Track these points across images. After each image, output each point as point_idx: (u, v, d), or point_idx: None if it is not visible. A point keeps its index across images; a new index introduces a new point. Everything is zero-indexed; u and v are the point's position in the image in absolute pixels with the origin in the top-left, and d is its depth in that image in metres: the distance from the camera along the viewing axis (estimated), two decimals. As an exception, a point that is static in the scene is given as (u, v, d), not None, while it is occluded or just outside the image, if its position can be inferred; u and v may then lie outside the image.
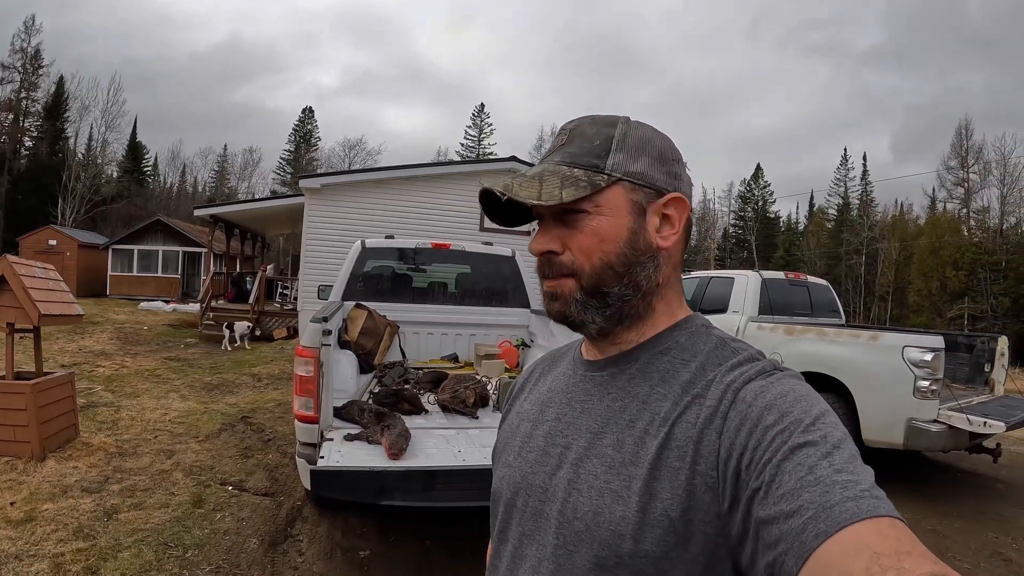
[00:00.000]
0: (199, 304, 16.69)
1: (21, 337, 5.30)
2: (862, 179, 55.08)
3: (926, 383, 5.07)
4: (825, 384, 5.81)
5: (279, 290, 20.02)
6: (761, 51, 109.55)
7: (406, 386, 4.40)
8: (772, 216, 62.78)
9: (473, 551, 3.77)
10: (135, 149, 55.47)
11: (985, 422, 4.93)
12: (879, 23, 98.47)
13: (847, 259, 48.92)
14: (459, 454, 3.22)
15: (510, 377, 4.23)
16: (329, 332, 3.46)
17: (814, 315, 7.66)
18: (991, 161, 42.74)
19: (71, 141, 46.30)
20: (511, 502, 0.82)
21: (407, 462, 3.04)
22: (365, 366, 4.94)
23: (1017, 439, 7.64)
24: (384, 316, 5.32)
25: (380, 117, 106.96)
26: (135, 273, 26.65)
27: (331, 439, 3.32)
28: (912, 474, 6.27)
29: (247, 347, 13.60)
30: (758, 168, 62.94)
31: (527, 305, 5.88)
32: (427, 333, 5.76)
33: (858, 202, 54.30)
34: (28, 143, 45.02)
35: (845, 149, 61.57)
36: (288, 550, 3.77)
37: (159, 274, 26.77)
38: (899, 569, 0.47)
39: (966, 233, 41.71)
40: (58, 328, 12.93)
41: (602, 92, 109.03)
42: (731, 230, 63.78)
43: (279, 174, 61.00)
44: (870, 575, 0.47)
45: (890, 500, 0.55)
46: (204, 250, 24.09)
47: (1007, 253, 38.11)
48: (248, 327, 14.14)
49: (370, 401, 3.89)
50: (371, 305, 5.30)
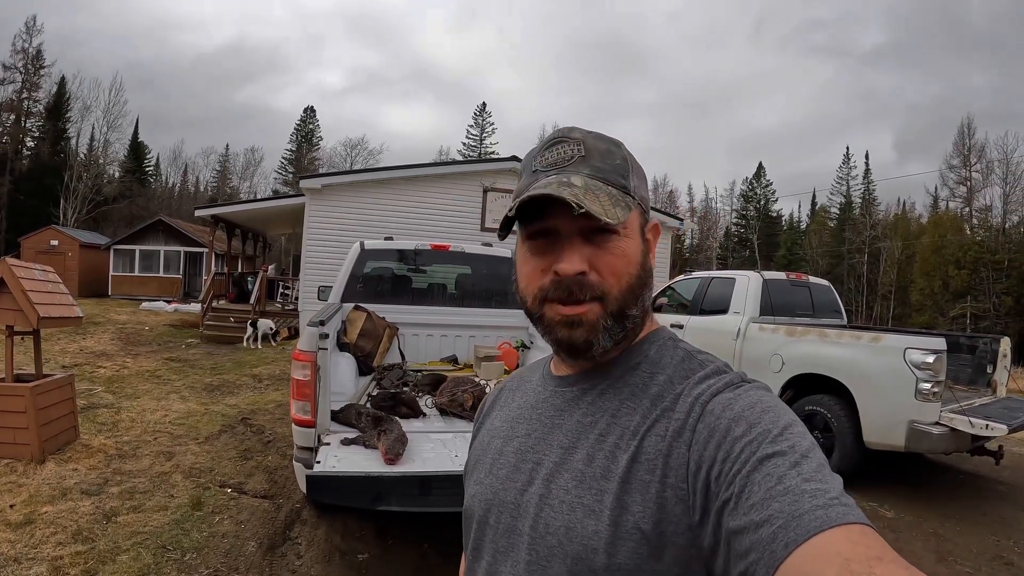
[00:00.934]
0: (200, 304, 16.68)
1: (22, 339, 5.31)
2: (864, 178, 54.97)
3: (928, 385, 5.04)
4: (826, 386, 5.80)
5: (280, 290, 20.03)
6: (763, 51, 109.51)
7: (404, 389, 4.39)
8: (774, 215, 62.72)
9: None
10: (137, 149, 55.53)
11: (987, 424, 4.91)
12: (881, 23, 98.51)
13: (849, 258, 48.86)
14: (456, 459, 3.20)
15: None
16: (326, 336, 3.45)
17: (816, 316, 7.61)
18: (993, 160, 42.80)
19: (73, 141, 46.38)
20: (483, 519, 0.82)
21: (403, 467, 3.03)
22: (364, 368, 4.93)
23: (1019, 441, 7.60)
24: (383, 318, 5.31)
25: (382, 117, 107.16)
26: (137, 273, 26.64)
27: (328, 443, 3.32)
28: (913, 476, 6.25)
29: (273, 344, 13.65)
30: (760, 167, 62.92)
31: None
32: (426, 335, 5.74)
33: (860, 201, 54.23)
34: (30, 143, 45.01)
35: (847, 148, 61.29)
36: (286, 553, 3.76)
37: (161, 274, 26.74)
38: (871, 575, 0.47)
39: (968, 232, 41.69)
40: (59, 329, 12.94)
41: (605, 91, 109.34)
42: (733, 229, 63.73)
43: (281, 174, 61.04)
44: None
45: (859, 508, 0.55)
46: (206, 250, 24.13)
47: (1009, 252, 38.06)
48: (271, 327, 14.17)
49: (368, 404, 3.88)
50: (370, 307, 5.29)
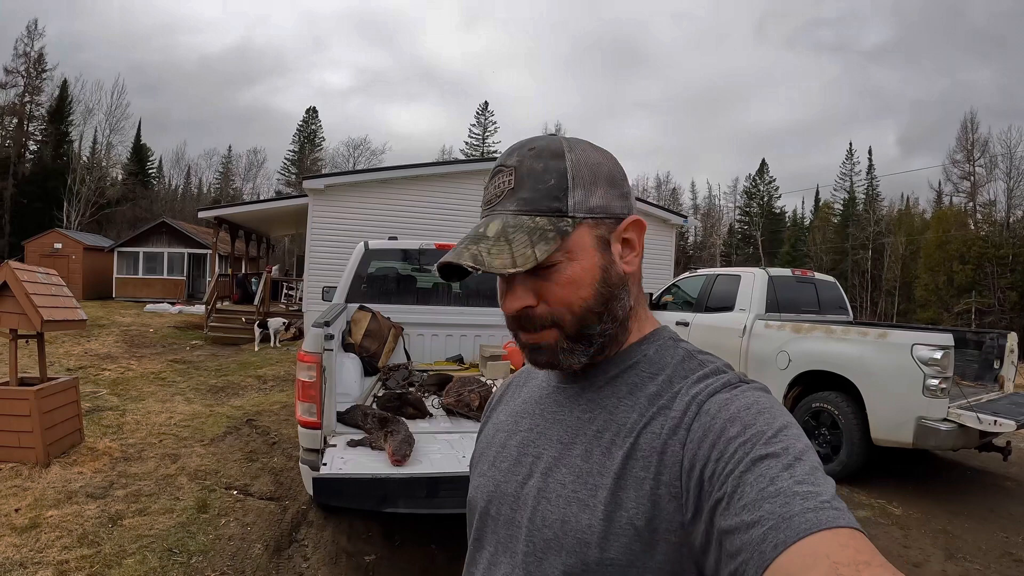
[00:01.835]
0: (205, 306, 16.69)
1: (27, 342, 5.31)
2: (868, 173, 54.84)
3: (935, 381, 5.02)
4: (833, 383, 5.78)
5: (284, 291, 20.04)
6: (766, 48, 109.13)
7: (410, 389, 4.37)
8: (778, 211, 62.61)
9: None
10: (139, 152, 55.56)
11: (996, 421, 4.87)
12: (884, 20, 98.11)
13: (853, 254, 48.70)
14: (463, 459, 3.18)
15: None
16: (331, 337, 3.42)
17: (821, 312, 7.58)
18: (997, 155, 42.50)
19: (75, 144, 46.42)
20: (485, 510, 0.84)
21: (410, 468, 3.01)
22: (369, 369, 4.91)
23: (1027, 436, 7.59)
24: (388, 318, 5.29)
25: (385, 117, 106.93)
26: (141, 275, 26.70)
27: (334, 445, 3.30)
28: (920, 473, 6.23)
29: (276, 346, 13.65)
30: (763, 163, 62.88)
31: None
32: (432, 335, 5.72)
33: (864, 196, 54.09)
34: (32, 147, 45.13)
35: (850, 143, 60.81)
36: (293, 555, 3.75)
37: (165, 276, 26.81)
38: None
39: (973, 227, 41.43)
40: (64, 332, 12.94)
41: (608, 89, 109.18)
42: (736, 226, 63.67)
43: (283, 175, 61.09)
44: None
45: (851, 512, 0.55)
46: (209, 252, 24.13)
47: (1014, 247, 37.82)
48: (283, 323, 14.13)
49: (374, 405, 3.86)
50: (375, 307, 5.28)
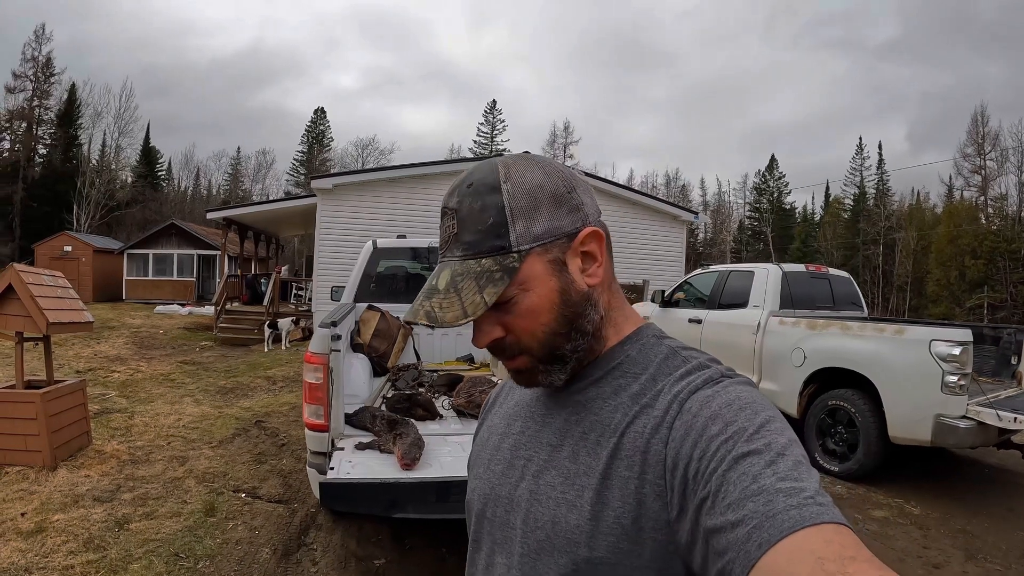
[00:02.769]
0: (214, 307, 16.70)
1: (36, 344, 5.28)
2: (878, 168, 54.47)
3: (954, 378, 4.89)
4: (850, 380, 5.67)
5: (294, 291, 20.04)
6: (775, 44, 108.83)
7: (420, 390, 4.30)
8: (788, 207, 62.39)
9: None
10: (148, 154, 55.83)
11: (1015, 418, 4.74)
12: (893, 16, 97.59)
13: (864, 249, 48.41)
14: None
15: None
16: (338, 337, 3.35)
17: (836, 308, 7.48)
18: (1008, 148, 42.23)
19: (84, 148, 46.67)
20: (481, 512, 0.85)
21: (420, 472, 2.93)
22: (379, 369, 4.85)
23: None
24: (398, 317, 5.22)
25: (394, 117, 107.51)
26: (150, 277, 26.82)
27: (342, 448, 3.23)
28: (939, 471, 6.10)
29: (285, 348, 13.60)
30: (772, 159, 62.69)
31: None
32: (441, 334, 5.65)
33: (874, 192, 53.71)
34: (42, 151, 45.44)
35: (860, 138, 60.19)
36: (301, 560, 3.68)
37: (174, 277, 26.91)
38: (844, 574, 0.47)
39: (984, 221, 41.13)
40: (73, 334, 12.97)
41: (617, 86, 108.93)
42: (747, 222, 63.44)
43: (293, 175, 61.27)
44: None
45: (836, 507, 0.55)
46: (219, 253, 24.18)
47: (1026, 241, 37.53)
48: (292, 322, 14.08)
49: (383, 407, 3.79)
50: (384, 306, 5.22)
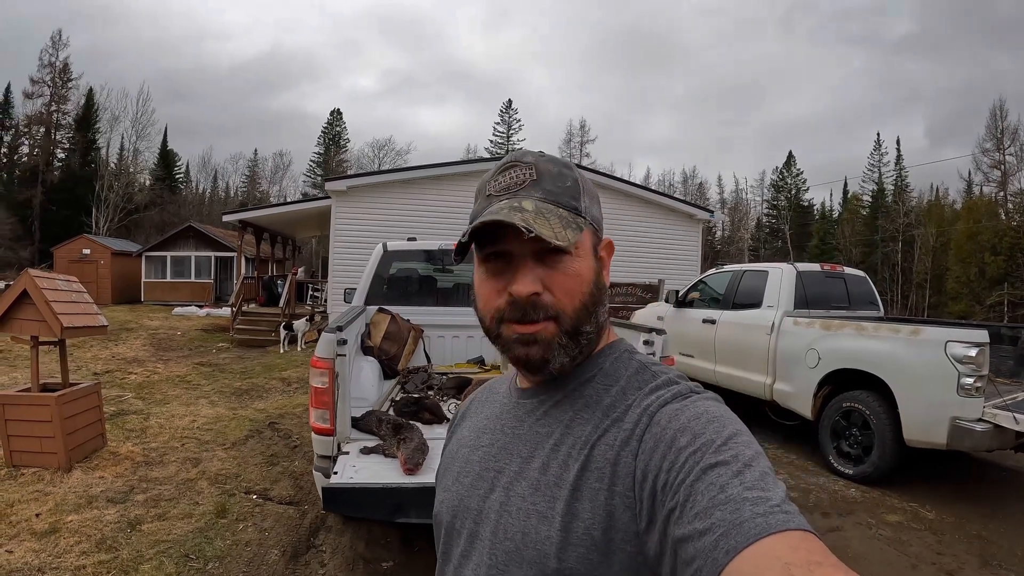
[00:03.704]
0: (230, 308, 16.83)
1: (52, 347, 5.35)
2: (896, 164, 53.84)
3: (971, 380, 4.78)
4: (865, 381, 5.58)
5: (310, 293, 20.13)
6: (792, 41, 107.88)
7: (429, 393, 4.29)
8: (806, 204, 61.82)
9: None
10: (166, 157, 56.39)
11: None
12: (911, 10, 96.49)
13: (883, 246, 47.88)
14: None
15: None
16: (344, 342, 3.36)
17: (851, 308, 7.38)
18: (1027, 143, 41.53)
19: (103, 151, 47.35)
20: (451, 524, 0.85)
21: (423, 477, 2.92)
22: (389, 372, 4.86)
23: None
24: (408, 320, 5.23)
25: (411, 118, 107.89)
26: (168, 279, 27.06)
27: (347, 452, 3.24)
28: (955, 474, 6.01)
29: (302, 348, 13.65)
30: (790, 156, 62.19)
31: None
32: (452, 336, 5.64)
33: (893, 188, 53.08)
34: (60, 155, 46.11)
35: (878, 134, 59.63)
36: (310, 561, 3.70)
37: (192, 279, 27.13)
38: None
39: (1004, 217, 40.44)
40: (92, 337, 13.12)
41: (635, 85, 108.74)
42: (764, 220, 63.01)
43: (309, 177, 61.69)
44: None
45: (802, 515, 0.56)
46: (236, 254, 24.37)
47: (1047, 236, 36.91)
48: (307, 320, 14.13)
49: (390, 411, 3.79)
50: (395, 309, 5.23)
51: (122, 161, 47.47)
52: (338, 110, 64.99)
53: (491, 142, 62.91)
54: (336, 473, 2.94)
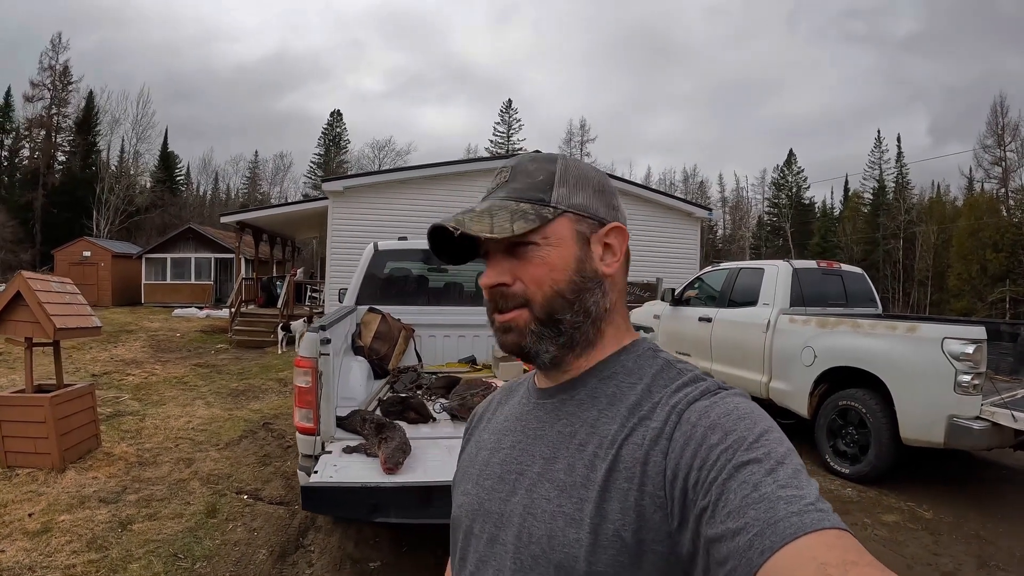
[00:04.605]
0: (229, 309, 16.83)
1: (48, 348, 5.36)
2: (897, 161, 53.66)
3: (968, 377, 4.73)
4: (861, 379, 5.54)
5: (309, 293, 20.13)
6: (793, 39, 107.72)
7: (417, 393, 4.28)
8: (807, 202, 61.70)
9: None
10: (167, 159, 56.42)
11: None
12: (913, 8, 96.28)
13: (884, 244, 47.80)
14: None
15: None
16: (328, 341, 3.36)
17: (849, 305, 7.33)
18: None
19: (103, 154, 47.42)
20: (469, 529, 0.84)
21: (403, 477, 2.90)
22: (379, 371, 4.84)
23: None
24: (399, 320, 5.21)
25: (413, 118, 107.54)
26: (168, 281, 27.13)
27: (330, 452, 3.23)
28: (953, 473, 5.97)
29: (297, 349, 13.49)
30: (791, 154, 62.05)
31: None
32: (443, 336, 5.62)
33: (894, 185, 52.96)
34: (61, 158, 46.16)
35: (878, 131, 59.21)
36: (297, 561, 3.69)
37: (192, 281, 27.20)
38: None
39: (1005, 213, 40.36)
40: (91, 339, 13.12)
41: (637, 84, 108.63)
42: (765, 218, 62.94)
43: (310, 178, 61.69)
44: None
45: (836, 513, 0.55)
46: (235, 256, 24.38)
47: (1050, 233, 36.83)
48: (305, 322, 14.05)
49: (377, 410, 3.78)
50: (386, 308, 5.20)
51: (122, 163, 47.56)
52: (338, 111, 65.19)
53: (491, 142, 62.92)
54: (316, 472, 2.93)
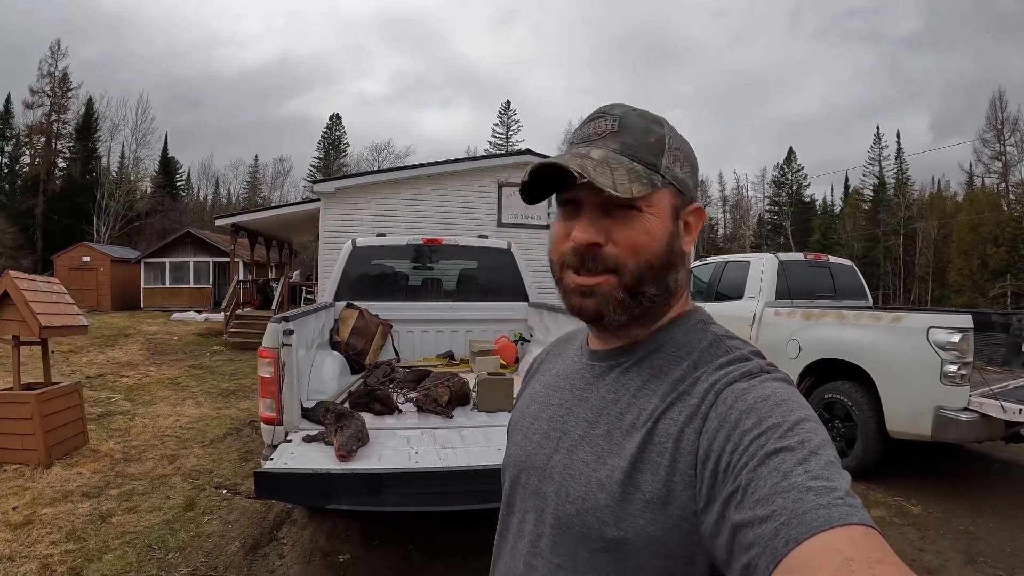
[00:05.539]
0: (223, 312, 16.86)
1: (53, 351, 5.41)
2: (896, 157, 53.60)
3: (954, 367, 4.63)
4: (847, 372, 5.50)
5: (304, 295, 20.15)
6: (793, 37, 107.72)
7: (386, 386, 4.30)
8: (807, 200, 61.66)
9: (453, 555, 3.71)
10: (167, 164, 56.56)
11: (1021, 409, 4.46)
12: (913, 6, 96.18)
13: (885, 240, 47.71)
14: (415, 456, 3.10)
15: (490, 375, 4.06)
16: (290, 332, 3.38)
17: (838, 299, 7.26)
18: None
19: (103, 160, 47.54)
20: (516, 478, 0.88)
21: (354, 464, 2.93)
22: (357, 367, 4.86)
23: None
24: (376, 315, 5.23)
25: (413, 122, 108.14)
26: (167, 285, 27.15)
27: (290, 440, 3.26)
28: (943, 466, 5.91)
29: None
30: (791, 152, 62.16)
31: (525, 299, 5.73)
32: (421, 331, 5.65)
33: (894, 181, 52.88)
34: (61, 164, 46.25)
35: (878, 127, 59.35)
36: (269, 553, 3.73)
37: (191, 285, 27.22)
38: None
39: (1006, 208, 40.31)
40: (89, 341, 13.18)
41: (636, 83, 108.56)
42: (766, 216, 62.87)
43: (310, 182, 61.71)
44: None
45: (864, 509, 0.54)
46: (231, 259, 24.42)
47: (1050, 227, 36.76)
48: None
49: (346, 403, 3.80)
50: (364, 304, 5.22)
51: (123, 169, 47.71)
52: (337, 115, 65.41)
53: (490, 143, 63.16)
54: (272, 460, 2.95)
